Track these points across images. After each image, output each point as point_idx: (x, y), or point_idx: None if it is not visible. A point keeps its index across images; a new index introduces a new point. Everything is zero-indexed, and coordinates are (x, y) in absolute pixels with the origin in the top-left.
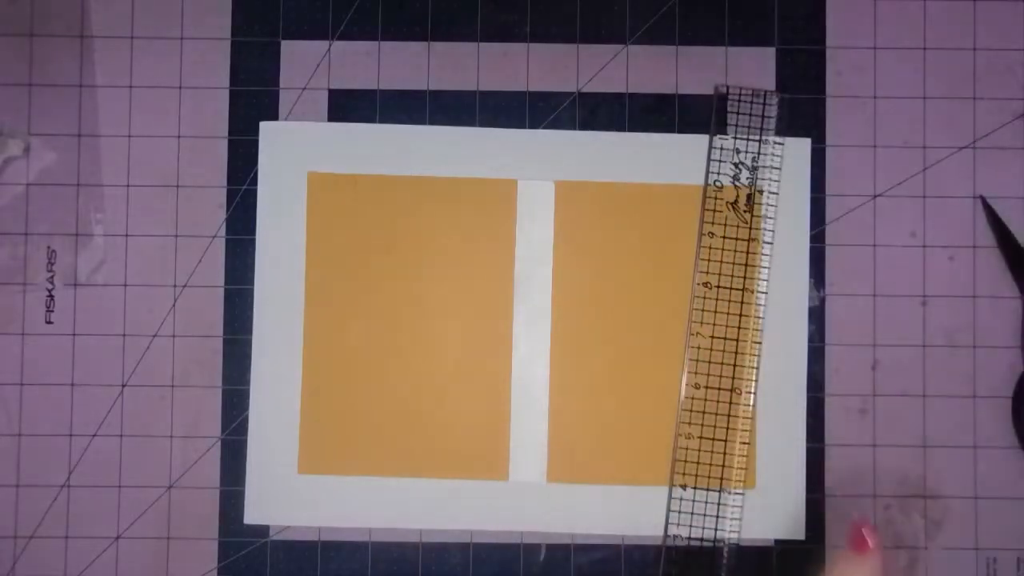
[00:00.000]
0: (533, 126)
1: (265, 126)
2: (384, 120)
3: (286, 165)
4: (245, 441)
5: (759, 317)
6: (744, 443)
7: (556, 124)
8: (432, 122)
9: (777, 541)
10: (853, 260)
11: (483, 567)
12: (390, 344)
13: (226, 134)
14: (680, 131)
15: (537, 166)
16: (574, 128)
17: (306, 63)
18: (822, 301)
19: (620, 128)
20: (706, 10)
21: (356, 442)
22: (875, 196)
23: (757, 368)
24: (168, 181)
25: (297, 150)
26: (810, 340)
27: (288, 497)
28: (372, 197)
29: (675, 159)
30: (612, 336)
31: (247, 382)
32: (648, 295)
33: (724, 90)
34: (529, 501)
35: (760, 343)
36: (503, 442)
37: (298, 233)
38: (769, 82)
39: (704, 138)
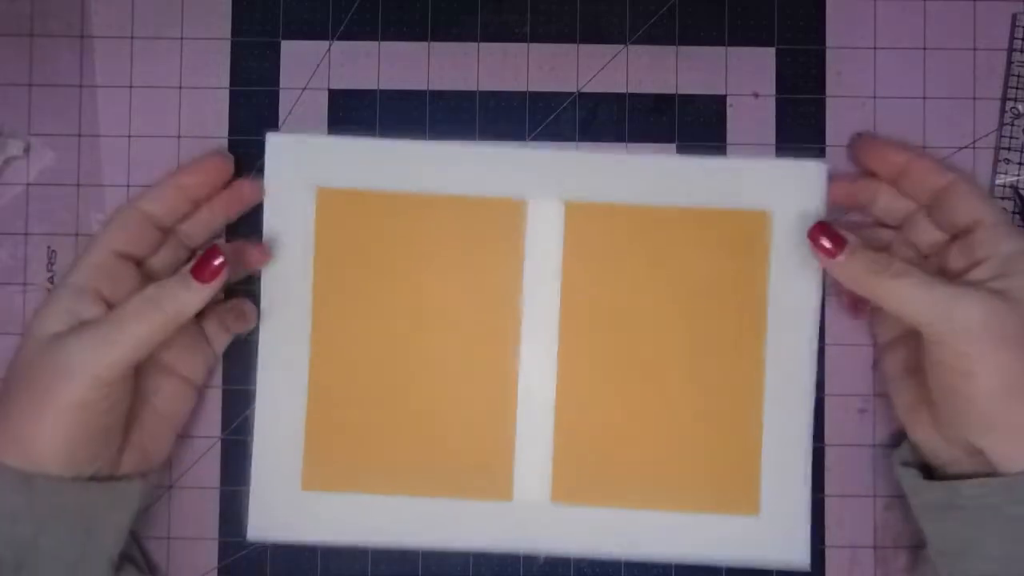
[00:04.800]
0: (533, 126)
1: (272, 139)
2: (384, 120)
3: (293, 180)
4: (245, 441)
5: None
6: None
7: (556, 124)
8: (432, 122)
9: None
10: None
11: (483, 570)
12: (396, 363)
13: (226, 135)
14: (684, 138)
15: (548, 186)
16: (574, 128)
17: (306, 63)
18: (822, 301)
19: (620, 128)
20: (706, 10)
21: (361, 459)
22: None
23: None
24: None
25: (304, 166)
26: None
27: (291, 514)
28: (381, 214)
29: (692, 182)
30: (621, 360)
31: (248, 382)
32: (660, 321)
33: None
34: (533, 522)
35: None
36: (507, 463)
37: (306, 251)
38: (769, 82)
39: (712, 160)
